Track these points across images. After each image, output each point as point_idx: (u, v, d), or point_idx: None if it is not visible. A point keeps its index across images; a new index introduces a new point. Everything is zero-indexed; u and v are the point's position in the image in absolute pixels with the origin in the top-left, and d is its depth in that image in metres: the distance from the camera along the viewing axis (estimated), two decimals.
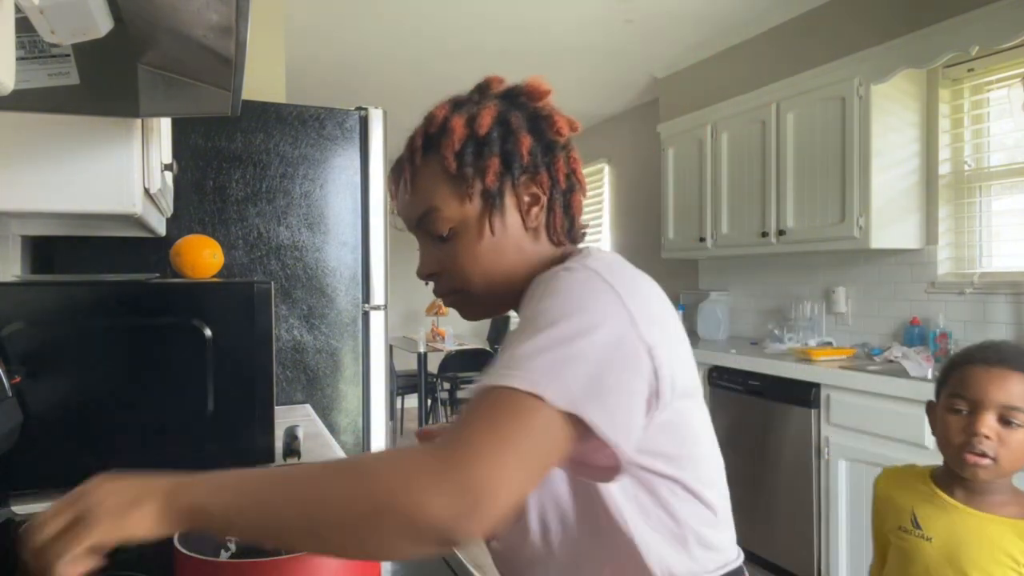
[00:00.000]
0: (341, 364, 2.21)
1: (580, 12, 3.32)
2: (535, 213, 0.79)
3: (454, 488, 0.53)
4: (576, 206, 0.82)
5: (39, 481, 1.18)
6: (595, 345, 0.62)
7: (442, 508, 0.52)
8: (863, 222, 2.83)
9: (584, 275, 0.68)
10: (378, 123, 2.25)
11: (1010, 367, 1.07)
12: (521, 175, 0.78)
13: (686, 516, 0.73)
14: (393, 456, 0.59)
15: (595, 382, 0.61)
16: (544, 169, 0.79)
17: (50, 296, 1.20)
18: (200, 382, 1.26)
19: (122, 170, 1.15)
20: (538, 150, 0.79)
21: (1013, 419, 1.04)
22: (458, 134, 0.77)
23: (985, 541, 1.08)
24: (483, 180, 0.76)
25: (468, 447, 0.55)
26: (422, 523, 0.52)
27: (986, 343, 1.18)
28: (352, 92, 4.59)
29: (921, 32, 2.64)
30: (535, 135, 0.79)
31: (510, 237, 0.78)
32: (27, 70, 0.91)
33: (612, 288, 0.66)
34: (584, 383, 0.60)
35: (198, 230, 2.04)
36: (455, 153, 0.77)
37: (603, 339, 0.63)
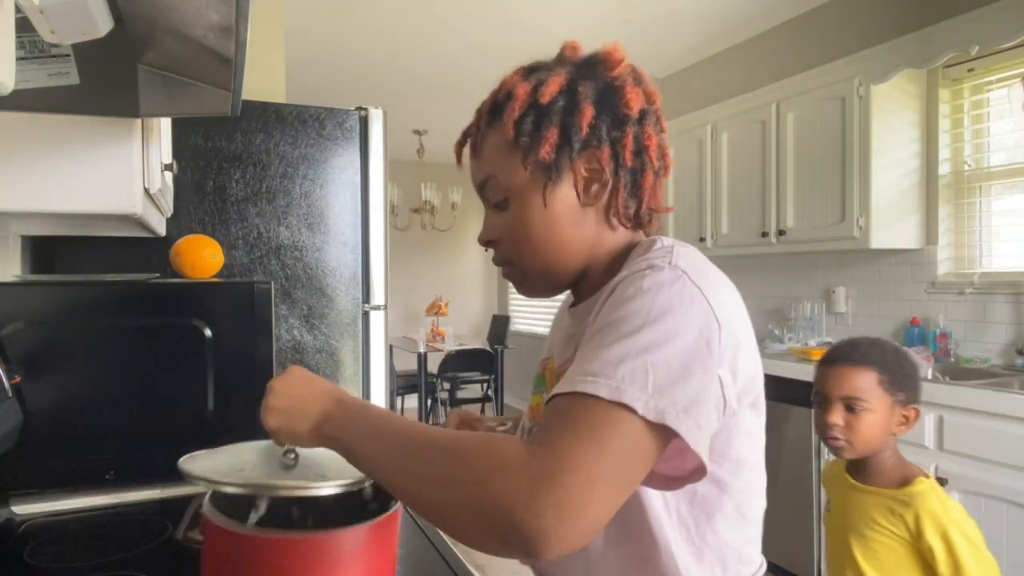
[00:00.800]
0: (341, 364, 2.21)
1: (580, 12, 3.32)
2: (595, 191, 0.74)
3: (544, 506, 0.51)
4: (646, 187, 0.76)
5: (39, 481, 1.18)
6: (685, 353, 0.60)
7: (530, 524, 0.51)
8: (863, 222, 2.83)
9: (671, 275, 0.64)
10: (378, 123, 2.25)
11: (848, 363, 1.25)
12: (582, 149, 0.73)
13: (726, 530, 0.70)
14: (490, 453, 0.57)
15: (683, 391, 0.59)
16: (607, 144, 0.73)
17: (50, 296, 1.20)
18: (200, 382, 1.26)
19: (122, 170, 1.15)
20: (604, 124, 0.73)
21: (855, 407, 1.23)
22: (520, 101, 0.74)
23: (861, 510, 1.27)
24: (539, 151, 0.73)
25: (561, 458, 0.53)
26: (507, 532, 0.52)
27: (842, 342, 1.34)
28: (352, 92, 4.59)
29: (921, 32, 2.64)
30: (601, 107, 0.73)
31: (565, 213, 0.74)
32: (27, 70, 0.91)
33: (701, 292, 0.64)
34: (672, 392, 0.58)
35: (198, 230, 2.04)
36: (514, 121, 0.74)
37: (690, 346, 0.61)
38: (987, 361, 2.64)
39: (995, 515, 2.08)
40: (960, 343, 2.78)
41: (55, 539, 1.05)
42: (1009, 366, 2.58)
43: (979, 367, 2.60)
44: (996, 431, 2.07)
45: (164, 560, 0.97)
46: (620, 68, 0.76)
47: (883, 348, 1.28)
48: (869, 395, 1.23)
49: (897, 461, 1.28)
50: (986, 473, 2.10)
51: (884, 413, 1.24)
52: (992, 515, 2.09)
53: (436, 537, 1.04)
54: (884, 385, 1.24)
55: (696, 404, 0.59)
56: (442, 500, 0.57)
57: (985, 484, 2.10)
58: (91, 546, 1.02)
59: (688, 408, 0.58)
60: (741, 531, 0.72)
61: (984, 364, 2.61)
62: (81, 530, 1.08)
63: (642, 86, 0.76)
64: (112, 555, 0.98)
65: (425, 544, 1.02)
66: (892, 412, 1.24)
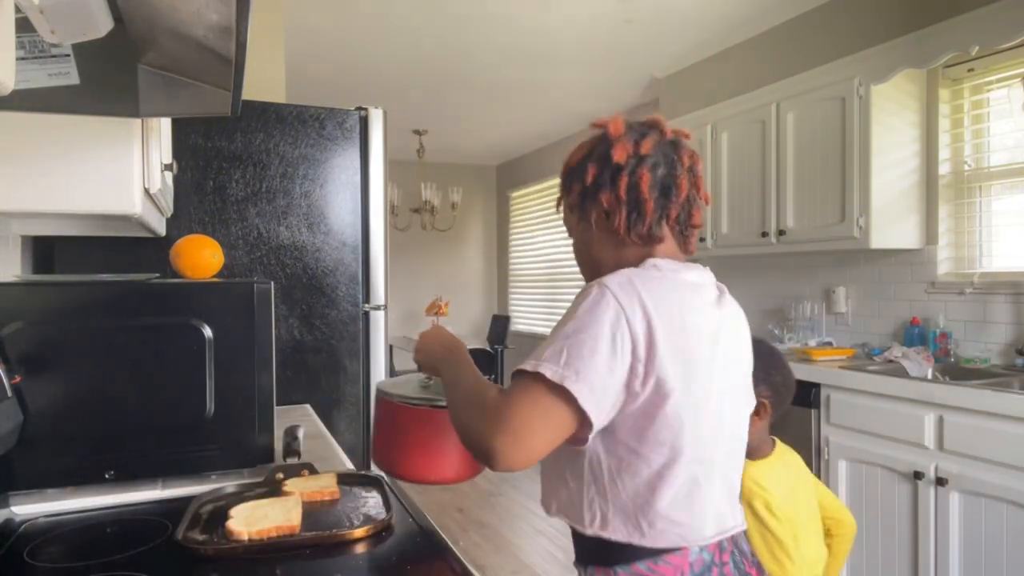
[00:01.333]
0: (341, 364, 2.21)
1: (580, 12, 3.32)
2: (605, 221, 1.01)
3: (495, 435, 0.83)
4: (646, 221, 0.99)
5: (39, 481, 1.18)
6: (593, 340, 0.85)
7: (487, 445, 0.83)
8: (863, 222, 2.83)
9: (598, 291, 0.89)
10: (378, 123, 2.25)
11: None
12: (593, 194, 1.01)
13: (632, 489, 0.90)
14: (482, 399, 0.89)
15: (583, 366, 0.84)
16: (608, 189, 0.99)
17: (50, 296, 1.20)
18: (200, 382, 1.26)
19: (122, 170, 1.15)
20: (604, 175, 1.00)
21: None
22: (564, 167, 1.07)
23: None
24: (570, 198, 1.05)
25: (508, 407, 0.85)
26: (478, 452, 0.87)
27: None
28: (352, 92, 4.59)
29: (921, 32, 2.64)
30: (600, 164, 1.01)
31: (591, 238, 1.04)
32: (27, 70, 0.91)
33: (618, 302, 0.87)
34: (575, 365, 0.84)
35: (198, 230, 2.04)
36: (562, 180, 1.08)
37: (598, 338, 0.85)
38: (987, 361, 2.64)
39: (995, 515, 2.08)
40: (960, 343, 2.78)
41: (55, 539, 1.05)
42: (1009, 366, 2.58)
43: (979, 367, 2.60)
44: (996, 431, 2.07)
45: (164, 560, 0.97)
46: (614, 131, 1.01)
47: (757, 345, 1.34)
48: None
49: (756, 445, 1.41)
50: (986, 473, 2.10)
51: None
52: (992, 515, 2.09)
53: (439, 540, 1.05)
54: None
55: (592, 375, 0.84)
56: (459, 423, 0.92)
57: (985, 484, 2.10)
58: (91, 546, 1.02)
59: (583, 378, 0.83)
60: (661, 494, 0.89)
61: (984, 364, 2.62)
62: (81, 530, 1.08)
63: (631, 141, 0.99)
64: (112, 555, 0.98)
65: (428, 547, 1.03)
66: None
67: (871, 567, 2.49)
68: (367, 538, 1.03)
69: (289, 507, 1.07)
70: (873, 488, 2.47)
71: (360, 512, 1.12)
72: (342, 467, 1.43)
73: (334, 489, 1.19)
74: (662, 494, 0.89)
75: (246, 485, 1.22)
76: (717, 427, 0.93)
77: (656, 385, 0.86)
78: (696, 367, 0.89)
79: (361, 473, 1.32)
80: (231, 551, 0.97)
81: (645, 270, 0.94)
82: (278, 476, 1.23)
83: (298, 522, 1.02)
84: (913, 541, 2.33)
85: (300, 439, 1.45)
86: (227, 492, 1.20)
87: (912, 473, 2.30)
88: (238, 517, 1.02)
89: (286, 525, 1.00)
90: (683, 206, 1.01)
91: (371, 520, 1.07)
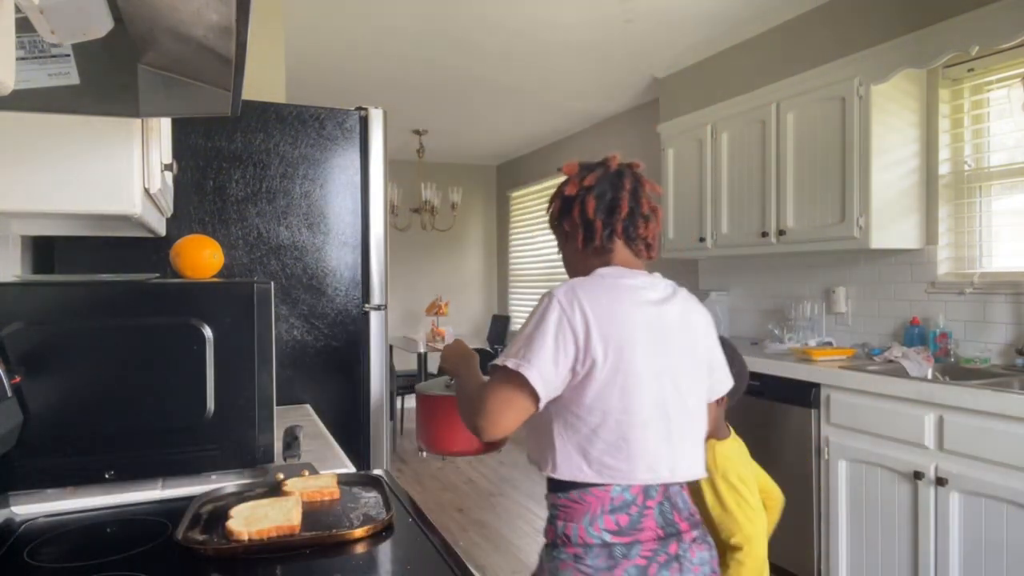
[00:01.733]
0: (341, 364, 2.21)
1: (580, 12, 3.32)
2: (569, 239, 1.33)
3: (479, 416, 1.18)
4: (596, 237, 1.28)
5: (39, 481, 1.18)
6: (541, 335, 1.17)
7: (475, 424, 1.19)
8: (863, 222, 2.83)
9: (547, 298, 1.20)
10: (378, 123, 2.25)
11: None
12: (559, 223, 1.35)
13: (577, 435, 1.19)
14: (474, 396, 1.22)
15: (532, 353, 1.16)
16: (567, 217, 1.32)
17: (50, 296, 1.20)
18: (200, 382, 1.26)
19: (122, 170, 1.15)
20: (564, 207, 1.33)
21: None
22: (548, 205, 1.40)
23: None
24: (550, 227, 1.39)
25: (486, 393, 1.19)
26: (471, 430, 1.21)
27: None
28: (352, 92, 4.59)
29: (921, 32, 2.64)
30: (560, 198, 1.34)
31: (566, 254, 1.38)
32: (27, 70, 0.91)
33: (560, 305, 1.18)
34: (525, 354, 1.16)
35: (198, 230, 2.04)
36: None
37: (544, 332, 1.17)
38: (987, 361, 2.64)
39: (995, 515, 2.08)
40: (960, 343, 2.78)
41: (55, 539, 1.05)
42: (1009, 366, 2.58)
43: (979, 367, 2.60)
44: (996, 431, 2.07)
45: (164, 560, 0.97)
46: (568, 172, 1.34)
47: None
48: None
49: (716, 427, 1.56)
50: (986, 473, 2.10)
51: None
52: (992, 515, 2.09)
53: (439, 540, 1.04)
54: None
55: (539, 361, 1.15)
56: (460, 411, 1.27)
57: (985, 484, 2.10)
58: (91, 546, 1.02)
59: (532, 362, 1.15)
60: (595, 445, 1.18)
61: (984, 364, 2.62)
62: (81, 530, 1.08)
63: (579, 178, 1.31)
64: (112, 555, 0.98)
65: (428, 547, 1.03)
66: None
67: (871, 567, 2.49)
68: (367, 538, 1.03)
69: (289, 507, 1.07)
70: (873, 488, 2.47)
71: (360, 512, 1.12)
72: (342, 467, 1.43)
73: (334, 489, 1.19)
74: (595, 446, 1.18)
75: (246, 485, 1.22)
76: (649, 398, 1.18)
77: (591, 365, 1.16)
78: (625, 351, 1.17)
79: (361, 473, 1.32)
80: (231, 551, 0.97)
81: (590, 278, 1.24)
82: (278, 476, 1.23)
83: (298, 522, 1.02)
84: (913, 541, 2.33)
85: (300, 439, 1.45)
86: (227, 492, 1.20)
87: (912, 473, 2.30)
88: (238, 517, 1.02)
89: (286, 525, 1.00)
90: (626, 222, 1.28)
91: (371, 520, 1.07)
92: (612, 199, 1.27)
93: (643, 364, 1.18)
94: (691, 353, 1.26)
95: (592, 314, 1.16)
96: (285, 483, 1.20)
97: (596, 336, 1.15)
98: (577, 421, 1.18)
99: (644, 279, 1.26)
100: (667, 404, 1.20)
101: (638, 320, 1.19)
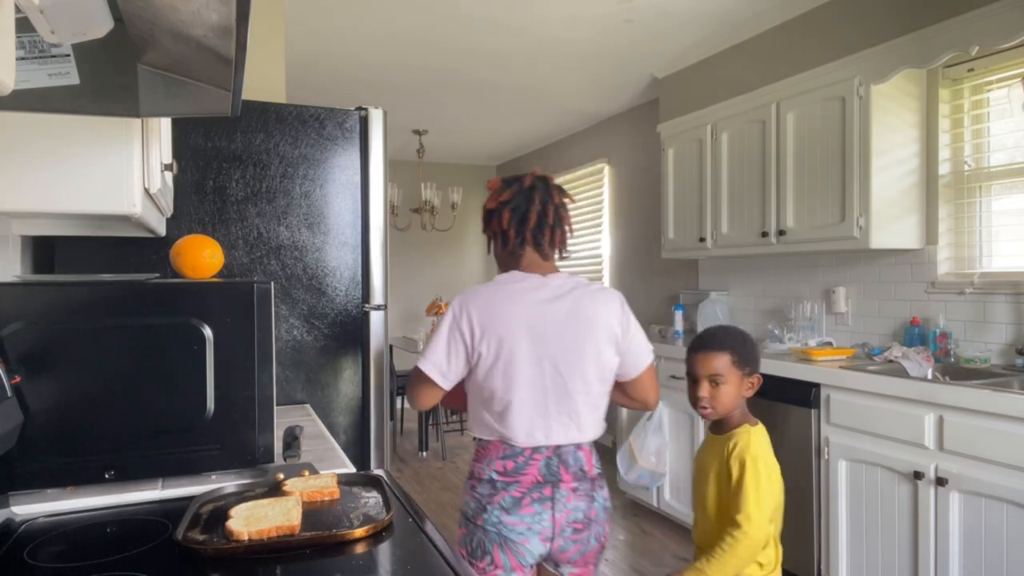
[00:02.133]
0: (341, 364, 2.21)
1: (580, 12, 3.32)
2: (492, 247, 1.66)
3: (411, 398, 1.61)
4: (510, 243, 1.59)
5: (39, 481, 1.18)
6: (439, 336, 1.54)
7: (411, 403, 1.62)
8: (863, 222, 2.83)
9: (447, 309, 1.55)
10: (378, 123, 2.25)
11: (708, 349, 1.63)
12: (485, 231, 1.66)
13: (480, 405, 1.57)
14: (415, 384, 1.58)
15: (431, 351, 1.53)
16: (488, 227, 1.63)
17: (50, 296, 1.20)
18: (200, 382, 1.26)
19: (122, 170, 1.15)
20: (487, 219, 1.63)
21: (717, 381, 1.61)
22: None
23: (706, 451, 1.70)
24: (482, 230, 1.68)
25: (411, 382, 1.59)
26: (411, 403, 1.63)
27: (703, 332, 1.71)
28: (352, 92, 4.59)
29: (921, 32, 2.64)
30: (484, 211, 1.63)
31: (495, 251, 1.66)
32: (27, 70, 0.91)
33: (453, 308, 1.54)
34: (427, 352, 1.54)
35: (198, 230, 2.04)
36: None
37: (442, 332, 1.54)
38: (987, 361, 2.64)
39: (995, 515, 2.08)
40: (960, 343, 2.78)
41: (55, 539, 1.05)
42: (1009, 366, 2.58)
43: (979, 367, 2.60)
44: (996, 431, 2.07)
45: (164, 560, 0.97)
46: (490, 187, 1.62)
47: (733, 334, 1.67)
48: (726, 372, 1.61)
49: (741, 416, 1.66)
50: (986, 473, 2.10)
51: (736, 384, 1.63)
52: (992, 515, 2.09)
53: (439, 540, 1.04)
54: (735, 364, 1.62)
55: (434, 357, 1.52)
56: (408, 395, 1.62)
57: (985, 484, 2.10)
58: (91, 546, 1.02)
59: (428, 359, 1.53)
60: (488, 412, 1.55)
61: (984, 364, 2.62)
62: (81, 530, 1.08)
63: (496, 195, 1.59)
64: (112, 555, 0.98)
65: (428, 547, 1.02)
66: (742, 382, 1.64)
67: (871, 567, 2.49)
68: (367, 538, 1.03)
69: (289, 507, 1.07)
70: (873, 488, 2.47)
71: (360, 512, 1.12)
72: (342, 467, 1.43)
73: (334, 489, 1.19)
74: (488, 413, 1.55)
75: (246, 485, 1.22)
76: (526, 380, 1.50)
77: (479, 356, 1.51)
78: (506, 343, 1.50)
79: (361, 473, 1.32)
80: (231, 551, 0.97)
81: (485, 286, 1.56)
82: (278, 476, 1.23)
83: (298, 522, 1.02)
84: (913, 541, 2.33)
85: (300, 439, 1.45)
86: (227, 492, 1.20)
87: (912, 473, 2.30)
88: (238, 517, 1.02)
89: (286, 525, 1.00)
90: (534, 231, 1.56)
91: (371, 520, 1.07)
92: (524, 212, 1.56)
93: (523, 354, 1.50)
94: (579, 342, 1.52)
95: (477, 318, 1.50)
96: (285, 483, 1.20)
97: (480, 335, 1.50)
98: (477, 395, 1.57)
99: (536, 281, 1.55)
100: (546, 385, 1.51)
101: (521, 317, 1.50)
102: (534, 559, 1.54)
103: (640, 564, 3.22)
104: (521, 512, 1.50)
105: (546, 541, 1.52)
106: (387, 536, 1.05)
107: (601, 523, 1.58)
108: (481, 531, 1.53)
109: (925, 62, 2.63)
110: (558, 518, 1.52)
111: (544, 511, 1.51)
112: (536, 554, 1.53)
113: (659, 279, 4.86)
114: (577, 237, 5.88)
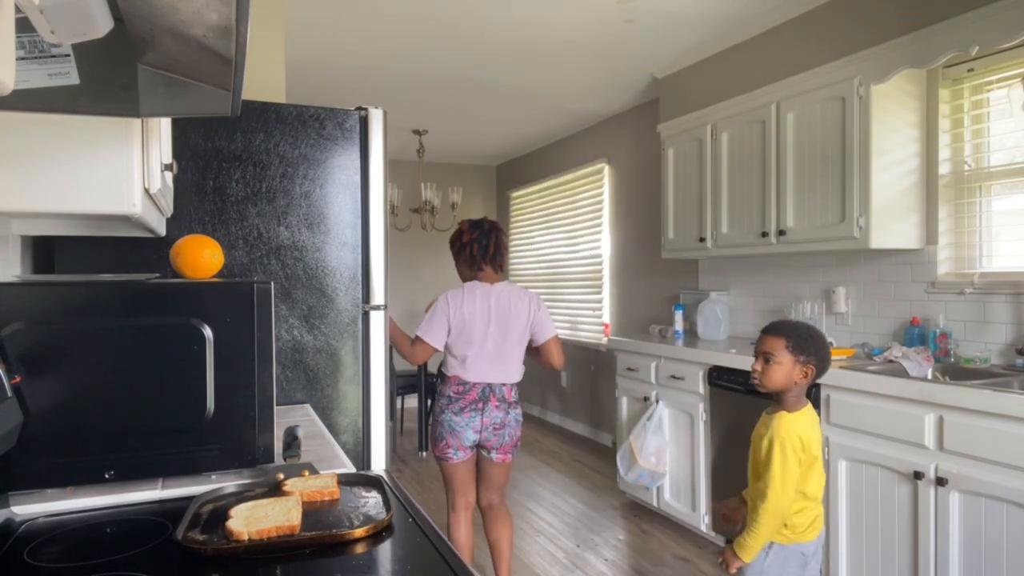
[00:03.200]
0: (341, 364, 2.21)
1: (580, 12, 3.32)
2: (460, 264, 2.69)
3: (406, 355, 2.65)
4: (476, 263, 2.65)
5: (39, 481, 1.18)
6: (434, 316, 2.60)
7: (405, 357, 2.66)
8: (863, 222, 2.83)
9: (442, 296, 2.61)
10: (378, 123, 2.25)
11: (769, 332, 1.89)
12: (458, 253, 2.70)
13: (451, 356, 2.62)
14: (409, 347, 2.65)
15: (428, 326, 2.59)
16: (460, 251, 2.68)
17: (50, 296, 1.20)
18: (200, 382, 1.26)
19: (122, 170, 1.15)
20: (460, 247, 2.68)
21: (769, 359, 1.85)
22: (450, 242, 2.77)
23: (759, 427, 1.92)
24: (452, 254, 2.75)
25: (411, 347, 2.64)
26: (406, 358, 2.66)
27: (775, 320, 1.96)
28: (352, 92, 4.59)
29: (921, 32, 2.64)
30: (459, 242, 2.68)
31: (459, 267, 2.71)
32: (27, 70, 0.91)
33: (440, 301, 2.60)
34: (425, 327, 2.60)
35: (198, 230, 2.04)
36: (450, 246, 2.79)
37: (435, 315, 2.59)
38: (987, 361, 2.64)
39: (995, 515, 2.08)
40: (960, 343, 2.78)
41: (55, 539, 1.05)
42: (1009, 366, 2.58)
43: (979, 367, 2.60)
44: (996, 431, 2.07)
45: (164, 560, 0.97)
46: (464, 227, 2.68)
47: (795, 325, 1.89)
48: (778, 353, 1.84)
49: (795, 400, 1.87)
50: (986, 473, 2.10)
51: (787, 366, 1.84)
52: (992, 515, 2.09)
53: (439, 540, 1.04)
54: (789, 348, 1.83)
55: (431, 329, 2.58)
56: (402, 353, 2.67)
57: (985, 484, 2.10)
58: (91, 546, 1.02)
59: (428, 331, 2.59)
60: (456, 360, 2.60)
61: (984, 364, 2.62)
62: (81, 530, 1.08)
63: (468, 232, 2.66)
64: (112, 555, 0.98)
65: (428, 547, 1.03)
66: (794, 367, 1.83)
67: (871, 567, 2.49)
68: (367, 538, 1.03)
69: (289, 507, 1.07)
70: (873, 488, 2.47)
71: (360, 512, 1.12)
72: (342, 467, 1.43)
73: (334, 489, 1.19)
74: (455, 360, 2.60)
75: (246, 485, 1.22)
76: (478, 343, 2.57)
77: (453, 332, 2.57)
78: (467, 322, 2.56)
79: (361, 473, 1.32)
80: (231, 551, 0.97)
81: (461, 289, 2.60)
82: (278, 476, 1.23)
83: (298, 522, 1.02)
84: (913, 541, 2.33)
85: (300, 439, 1.45)
86: (227, 492, 1.20)
87: (912, 473, 2.30)
88: (238, 517, 1.02)
89: (286, 525, 1.00)
90: (492, 257, 2.63)
91: (371, 520, 1.07)
92: (485, 244, 2.62)
93: (478, 328, 2.56)
94: (510, 322, 2.59)
95: (453, 307, 2.57)
96: (285, 483, 1.20)
97: (454, 316, 2.56)
98: (451, 350, 2.61)
99: (487, 288, 2.60)
100: (490, 347, 2.57)
101: (478, 308, 2.57)
102: (471, 443, 2.60)
103: (640, 564, 3.22)
104: (464, 415, 2.57)
105: (477, 432, 2.58)
106: (387, 536, 1.05)
107: (512, 427, 2.63)
108: (440, 425, 2.60)
109: (925, 62, 2.63)
110: (485, 421, 2.58)
111: (476, 415, 2.57)
112: (472, 440, 2.59)
113: (659, 279, 4.86)
114: (577, 237, 5.89)
